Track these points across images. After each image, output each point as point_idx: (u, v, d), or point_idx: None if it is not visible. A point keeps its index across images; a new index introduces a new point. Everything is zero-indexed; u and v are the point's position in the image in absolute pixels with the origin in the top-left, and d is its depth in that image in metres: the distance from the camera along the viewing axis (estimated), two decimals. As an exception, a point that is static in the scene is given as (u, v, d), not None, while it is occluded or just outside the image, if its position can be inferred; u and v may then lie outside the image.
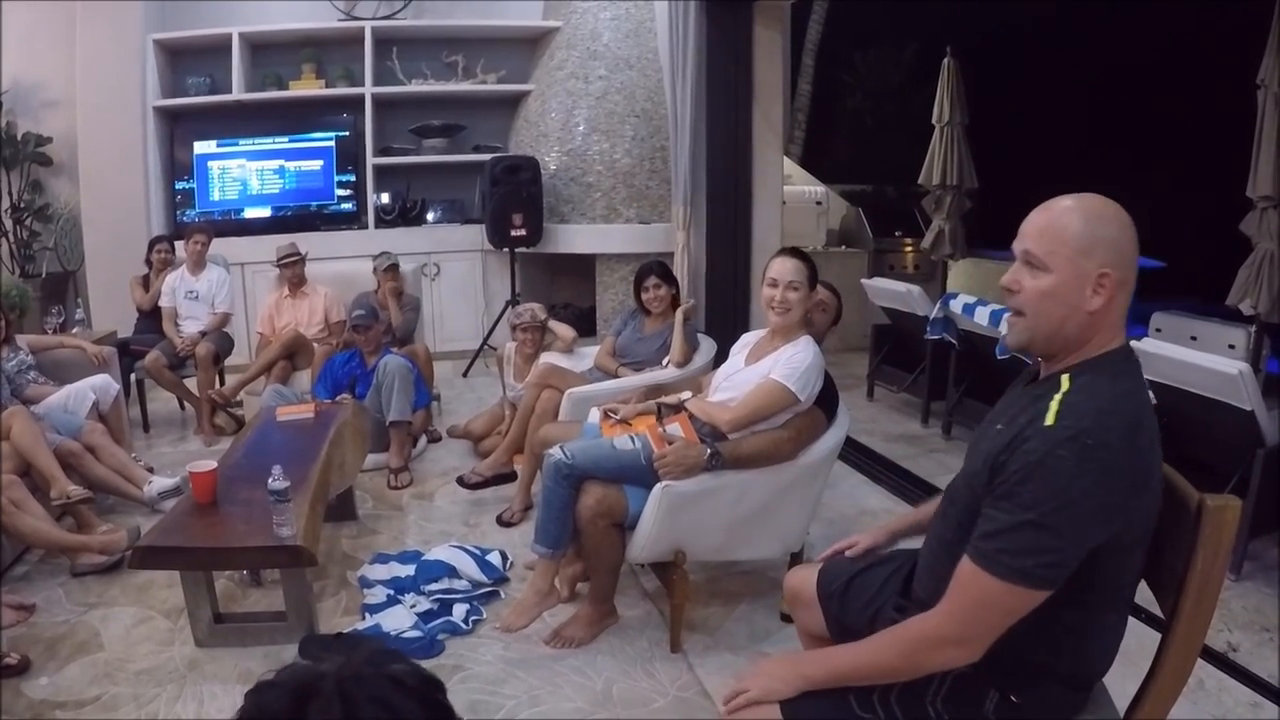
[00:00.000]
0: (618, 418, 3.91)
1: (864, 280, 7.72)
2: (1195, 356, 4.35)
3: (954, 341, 6.45)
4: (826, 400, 3.64)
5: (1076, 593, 1.74)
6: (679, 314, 5.24)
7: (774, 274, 3.51)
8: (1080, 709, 1.93)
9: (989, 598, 1.72)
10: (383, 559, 4.36)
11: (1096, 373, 1.79)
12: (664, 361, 5.22)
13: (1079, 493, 1.65)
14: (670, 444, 3.48)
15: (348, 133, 8.87)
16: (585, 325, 8.36)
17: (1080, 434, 1.67)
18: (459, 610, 3.83)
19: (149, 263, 6.96)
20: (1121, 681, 1.96)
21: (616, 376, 5.28)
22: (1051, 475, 1.66)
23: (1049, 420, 1.70)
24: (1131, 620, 1.90)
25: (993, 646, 1.78)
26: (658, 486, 3.39)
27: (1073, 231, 1.78)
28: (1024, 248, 1.85)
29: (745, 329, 4.84)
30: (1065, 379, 1.79)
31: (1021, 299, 1.86)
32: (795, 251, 3.61)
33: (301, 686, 1.07)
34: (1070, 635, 1.79)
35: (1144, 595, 1.90)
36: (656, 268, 5.37)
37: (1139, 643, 1.93)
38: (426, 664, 3.37)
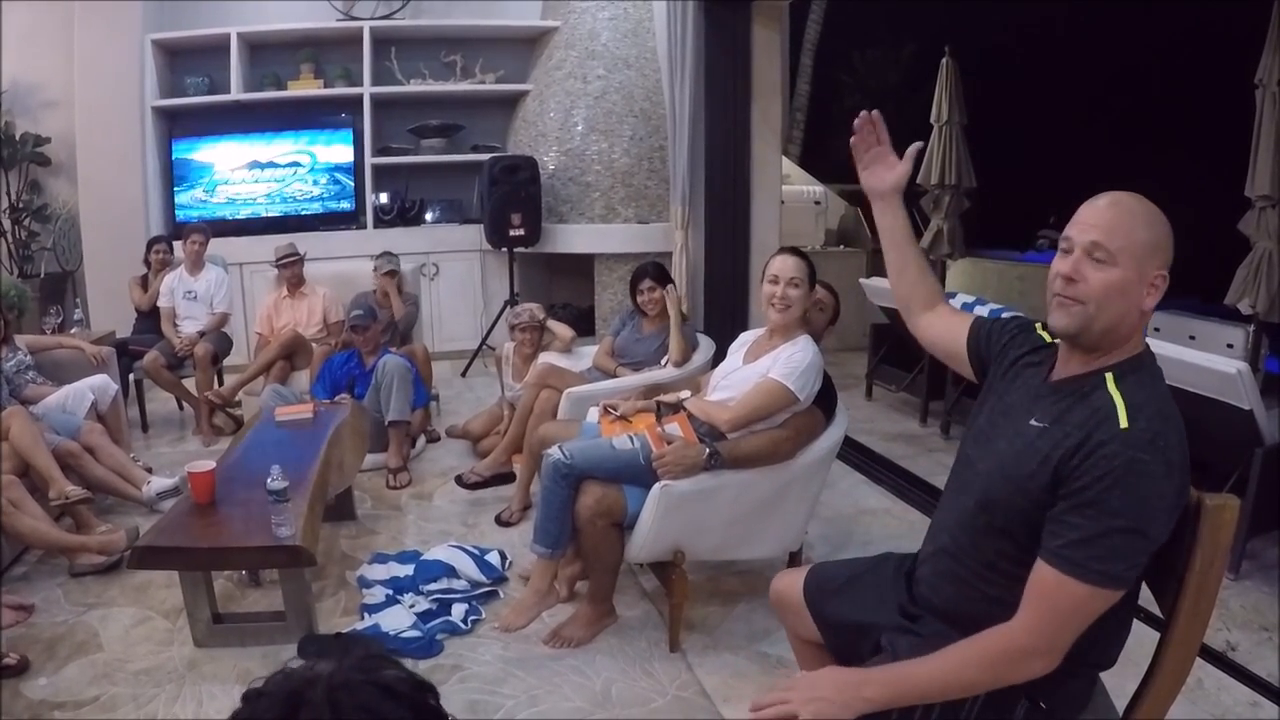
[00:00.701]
0: (617, 414, 3.91)
1: (862, 280, 7.71)
2: (1194, 356, 4.34)
3: (953, 341, 6.44)
4: (825, 400, 3.64)
5: None
6: (674, 314, 5.24)
7: (775, 271, 3.52)
8: (1088, 700, 1.94)
9: (1079, 605, 1.71)
10: (381, 559, 4.36)
11: (1139, 373, 1.82)
12: (662, 361, 5.22)
13: (1161, 496, 1.68)
14: (669, 444, 3.48)
15: (346, 132, 8.86)
16: (584, 325, 8.35)
17: (1156, 437, 1.69)
18: (458, 610, 3.82)
19: (147, 263, 6.95)
20: (1120, 680, 1.96)
21: (615, 376, 5.28)
22: (1138, 481, 1.67)
23: (1124, 423, 1.71)
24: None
25: None
26: (656, 486, 3.39)
27: (1142, 231, 1.80)
28: (1092, 239, 1.81)
29: (744, 328, 4.84)
30: (1110, 379, 1.80)
31: (1084, 289, 1.82)
32: (795, 250, 3.62)
33: (291, 694, 1.07)
34: (1095, 630, 1.78)
35: (1143, 595, 1.90)
36: (651, 269, 5.36)
37: (1138, 642, 1.93)
38: (425, 664, 3.39)
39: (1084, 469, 1.71)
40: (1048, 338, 2.03)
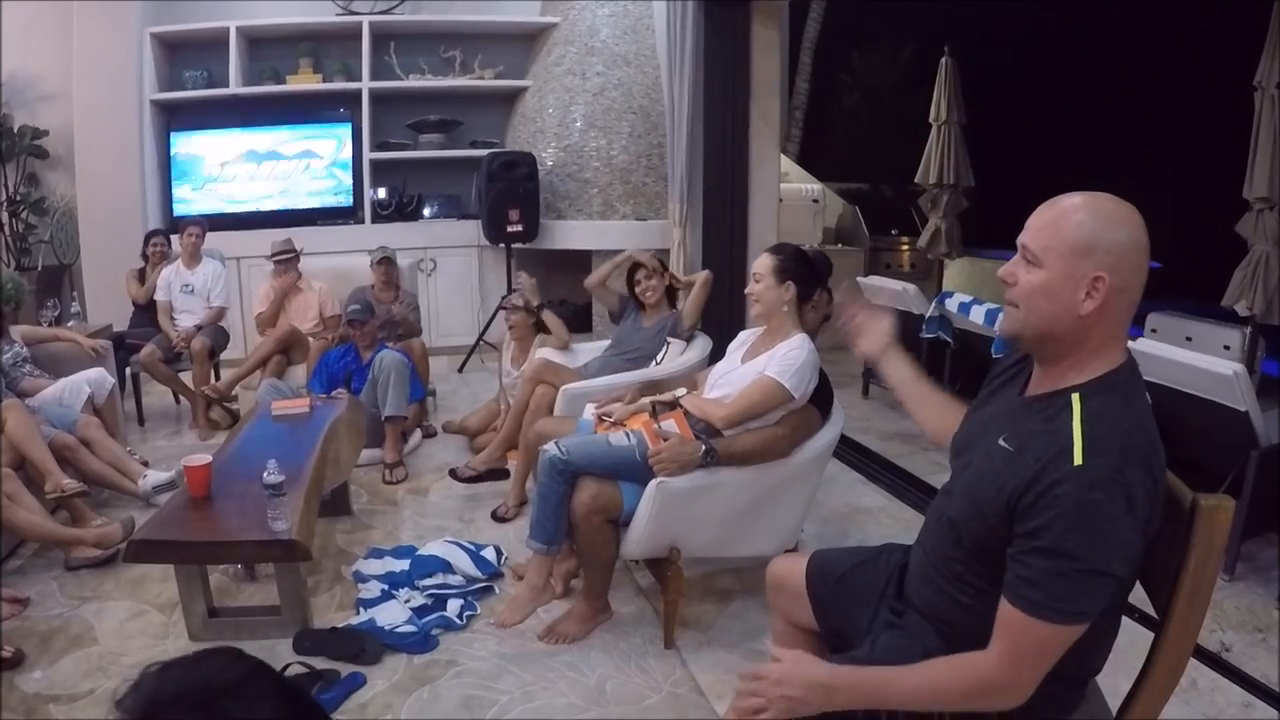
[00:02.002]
0: (612, 420, 3.90)
1: (860, 278, 7.73)
2: (1190, 357, 4.36)
3: (949, 340, 6.46)
4: (821, 398, 3.65)
5: None
6: (697, 287, 5.27)
7: (751, 269, 3.57)
8: (1076, 705, 1.94)
9: (1046, 644, 1.70)
10: (377, 554, 4.36)
11: (1108, 394, 1.76)
12: (659, 356, 5.23)
13: (1120, 535, 1.65)
14: (665, 440, 3.48)
15: (345, 127, 8.85)
16: (581, 321, 8.35)
17: (1116, 472, 1.65)
18: (453, 605, 3.82)
19: (145, 256, 6.95)
20: (1114, 680, 1.97)
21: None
22: (1094, 522, 1.64)
23: (1077, 459, 1.67)
24: (1125, 619, 1.91)
25: None
26: (652, 483, 3.39)
27: (1072, 230, 1.76)
28: (1022, 241, 1.84)
29: (741, 327, 4.84)
30: (1076, 401, 1.76)
31: (1016, 292, 1.85)
32: (778, 247, 3.66)
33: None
34: (1078, 642, 1.76)
35: (1137, 595, 1.90)
36: (643, 261, 5.39)
37: (1132, 642, 1.94)
38: (421, 659, 3.40)
39: (1036, 509, 1.69)
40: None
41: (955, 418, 2.26)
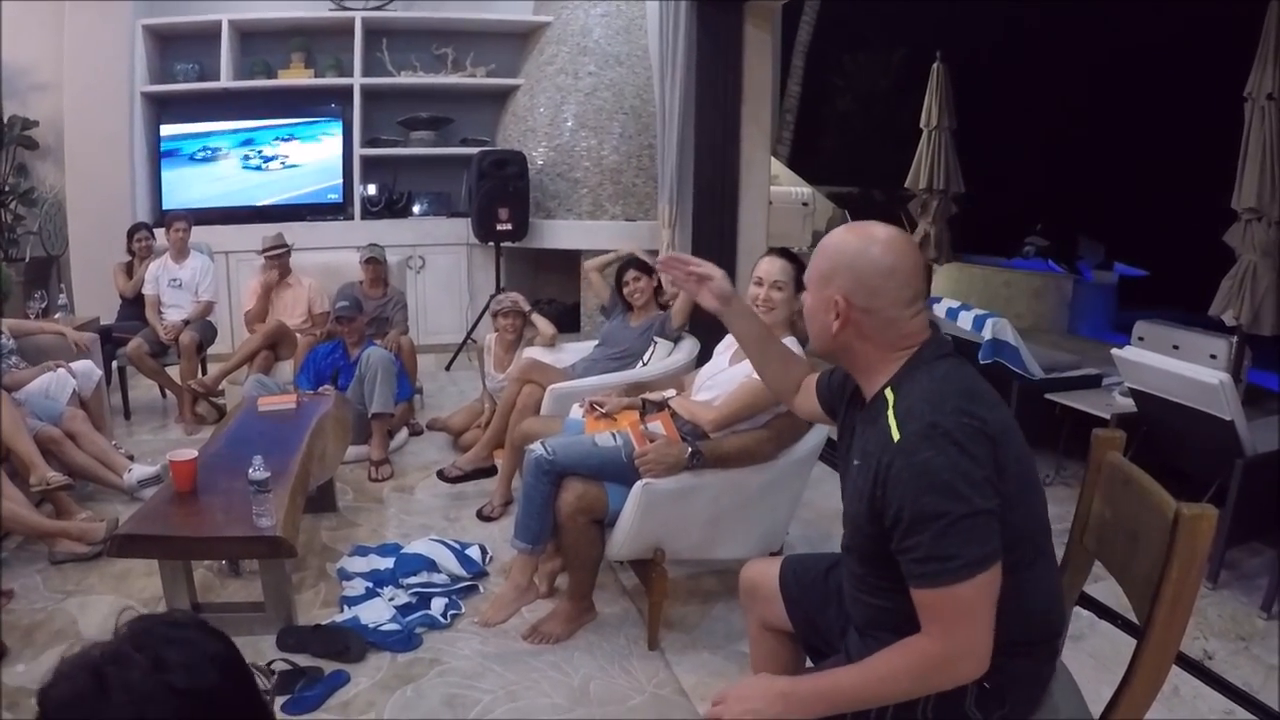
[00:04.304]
0: (603, 411, 3.91)
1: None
2: (1177, 366, 4.37)
3: (937, 345, 6.47)
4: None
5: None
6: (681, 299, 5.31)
7: (760, 272, 3.53)
8: (1049, 680, 1.95)
9: (968, 603, 1.71)
10: (362, 551, 4.35)
11: (913, 372, 1.88)
12: (645, 358, 5.24)
13: (964, 474, 1.69)
14: (651, 441, 3.48)
15: (336, 123, 8.84)
16: (569, 321, 8.36)
17: (929, 428, 1.73)
18: (437, 604, 3.82)
19: (131, 251, 6.92)
20: (1096, 686, 1.98)
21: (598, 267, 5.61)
22: (931, 476, 1.70)
23: (895, 436, 1.77)
24: (1107, 626, 1.92)
25: None
26: (638, 484, 3.39)
27: (820, 260, 1.99)
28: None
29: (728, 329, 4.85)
30: (889, 393, 1.88)
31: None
32: (784, 252, 3.63)
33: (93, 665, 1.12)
34: (1009, 602, 1.76)
35: (1121, 602, 1.91)
36: (634, 261, 5.43)
37: (1114, 648, 1.95)
38: (404, 657, 3.39)
39: (887, 497, 1.76)
40: None
41: (797, 374, 2.49)
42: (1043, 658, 1.94)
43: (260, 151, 8.74)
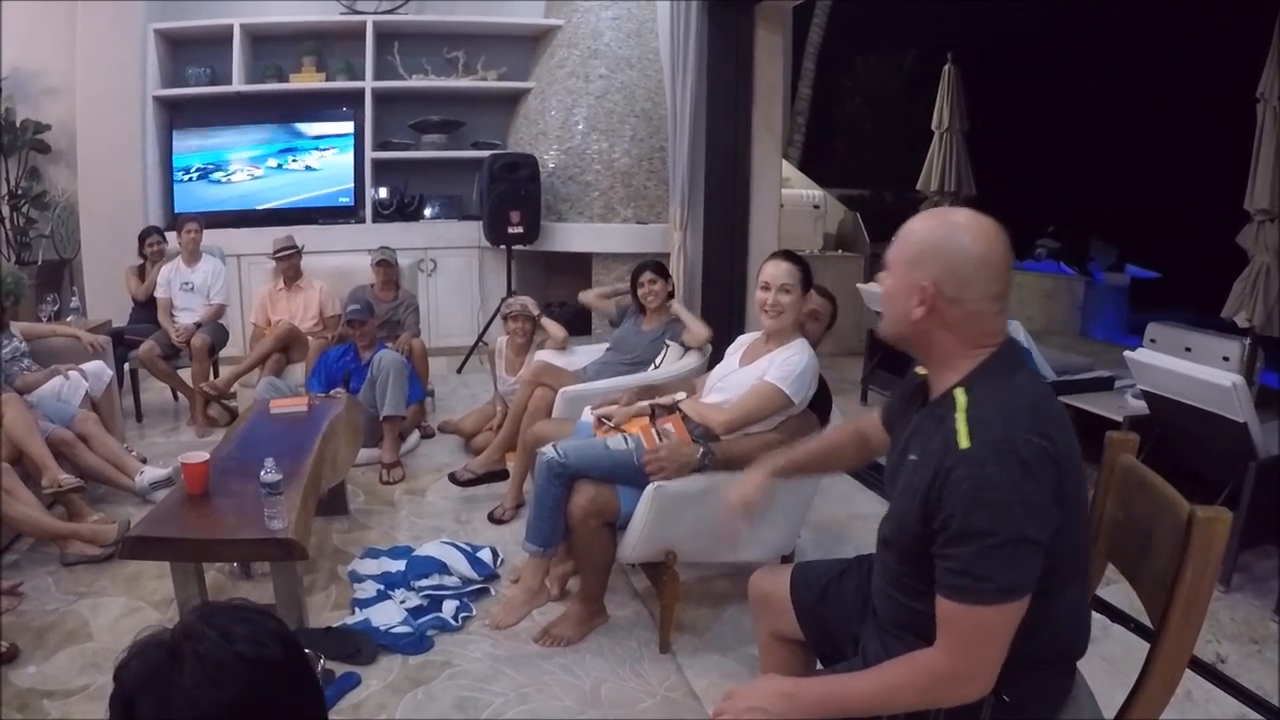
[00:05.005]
0: (611, 424, 3.90)
1: (860, 285, 7.72)
2: (1189, 368, 4.36)
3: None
4: (820, 404, 3.65)
5: (1037, 581, 1.74)
6: (678, 308, 5.31)
7: (766, 277, 3.53)
8: (1068, 692, 1.94)
9: (987, 626, 1.70)
10: (373, 554, 4.36)
11: (987, 378, 1.82)
12: (657, 360, 5.24)
13: (1023, 498, 1.66)
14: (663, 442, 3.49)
15: (347, 126, 8.86)
16: (580, 324, 8.35)
17: (1001, 442, 1.68)
18: (449, 606, 3.82)
19: (143, 254, 6.94)
20: (1109, 690, 1.97)
21: (597, 307, 5.52)
22: (993, 495, 1.66)
23: (964, 443, 1.72)
24: (1120, 629, 1.92)
25: None
26: (650, 487, 3.39)
27: (909, 241, 1.90)
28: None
29: (740, 331, 4.85)
30: (960, 394, 1.81)
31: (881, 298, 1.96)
32: (788, 254, 3.62)
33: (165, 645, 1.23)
34: (1040, 620, 1.77)
35: (1134, 605, 1.90)
36: (651, 264, 5.43)
37: (1128, 652, 1.94)
38: (415, 660, 3.40)
39: (941, 501, 1.72)
40: (922, 371, 2.06)
41: (864, 439, 2.46)
42: (1063, 671, 1.93)
43: (271, 155, 8.75)
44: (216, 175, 8.64)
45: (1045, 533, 1.69)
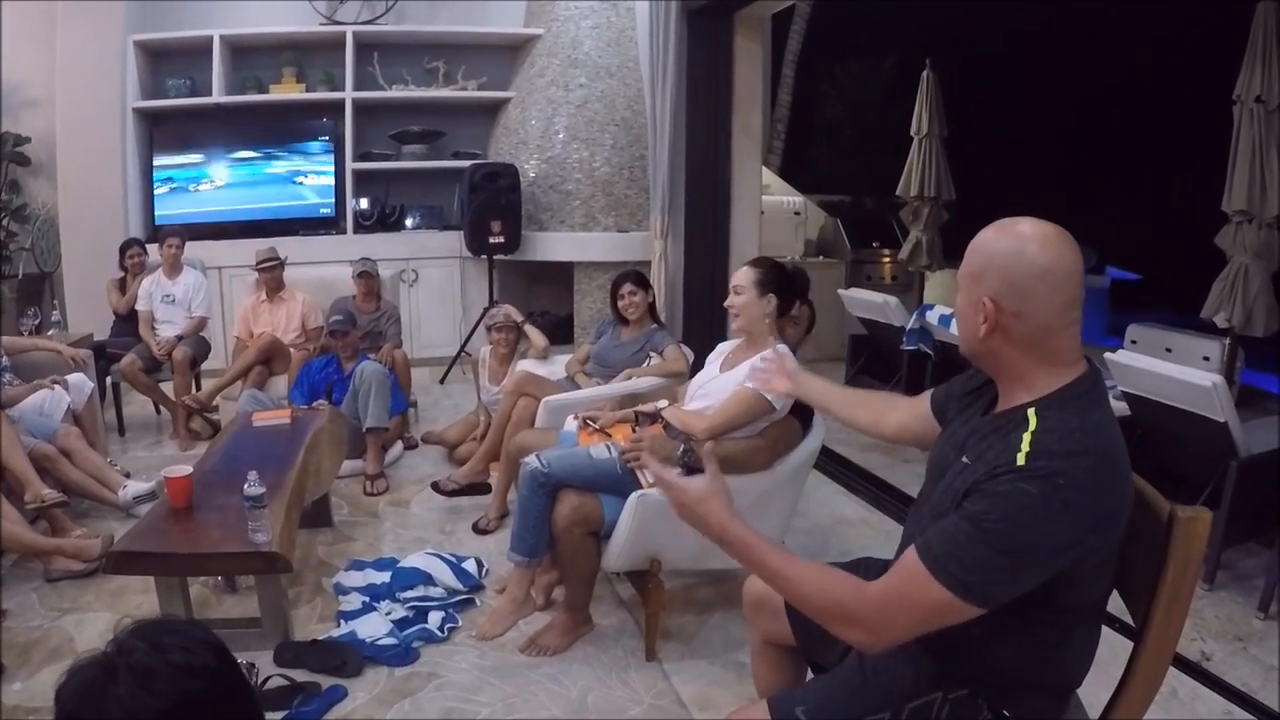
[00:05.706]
0: (596, 425, 3.91)
1: (841, 291, 7.75)
2: (1170, 368, 4.39)
3: (930, 352, 6.49)
4: (802, 409, 3.65)
5: (1053, 613, 1.74)
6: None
7: (731, 282, 3.59)
8: (1061, 715, 1.94)
9: (925, 601, 1.67)
10: (358, 566, 4.35)
11: (1064, 408, 1.73)
12: (645, 363, 5.24)
13: (1041, 530, 1.62)
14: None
15: (327, 137, 8.85)
16: (563, 333, 8.36)
17: (1054, 474, 1.62)
18: (434, 618, 3.81)
19: (124, 267, 6.92)
20: (1094, 689, 1.97)
21: (578, 386, 5.30)
22: (1019, 512, 1.61)
23: (1020, 461, 1.65)
24: (1104, 628, 1.91)
25: (983, 666, 1.81)
26: (633, 495, 3.40)
27: (973, 256, 1.82)
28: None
29: (722, 338, 4.85)
30: (1032, 415, 1.73)
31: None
32: (756, 260, 3.69)
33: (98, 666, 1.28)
34: (1051, 650, 1.78)
35: (1116, 604, 1.91)
36: (632, 275, 5.41)
37: (1111, 651, 1.95)
38: (401, 671, 3.39)
39: (978, 494, 1.67)
40: None
41: (883, 406, 2.43)
42: (1063, 694, 1.94)
43: (251, 166, 8.73)
44: (197, 187, 8.61)
45: (1044, 574, 1.66)
